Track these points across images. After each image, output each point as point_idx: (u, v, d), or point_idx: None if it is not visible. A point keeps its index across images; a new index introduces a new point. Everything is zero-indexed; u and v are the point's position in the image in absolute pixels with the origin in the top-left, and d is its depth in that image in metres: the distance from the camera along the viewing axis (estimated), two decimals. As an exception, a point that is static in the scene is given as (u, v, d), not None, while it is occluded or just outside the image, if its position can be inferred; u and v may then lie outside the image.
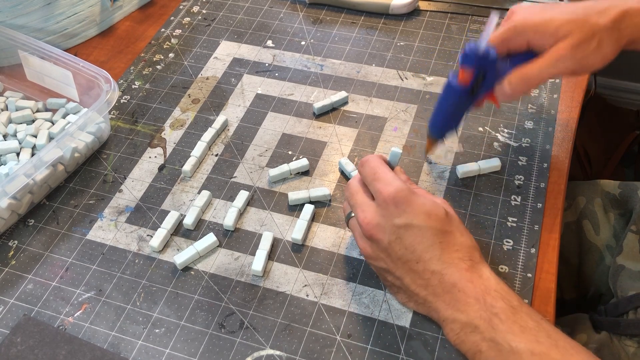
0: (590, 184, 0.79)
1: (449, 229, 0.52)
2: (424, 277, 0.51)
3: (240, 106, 0.76)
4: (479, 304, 0.49)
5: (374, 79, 0.78)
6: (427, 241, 0.51)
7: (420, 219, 0.51)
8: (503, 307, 0.48)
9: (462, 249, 0.52)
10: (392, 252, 0.52)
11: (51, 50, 0.71)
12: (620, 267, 0.69)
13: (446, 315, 0.50)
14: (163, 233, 0.62)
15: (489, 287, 0.49)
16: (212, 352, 0.55)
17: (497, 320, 0.48)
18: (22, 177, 0.61)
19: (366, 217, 0.53)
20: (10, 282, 0.61)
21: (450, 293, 0.50)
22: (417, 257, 0.51)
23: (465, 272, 0.50)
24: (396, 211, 0.52)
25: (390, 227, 0.52)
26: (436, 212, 0.52)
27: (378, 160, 0.56)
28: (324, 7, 0.89)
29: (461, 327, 0.49)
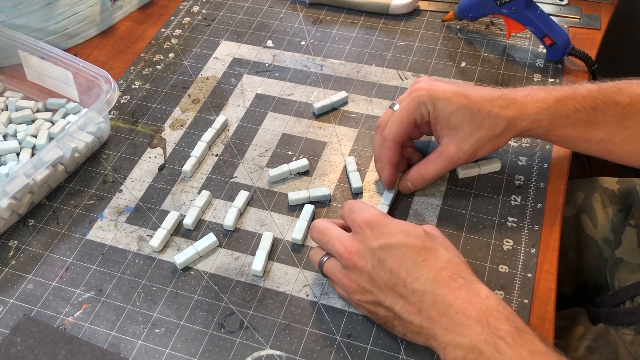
0: (589, 180, 0.79)
1: (431, 246, 0.50)
2: (414, 301, 0.48)
3: (240, 106, 0.76)
4: (482, 326, 0.45)
5: (374, 79, 0.78)
6: (410, 260, 0.49)
7: (397, 238, 0.50)
8: (508, 329, 0.45)
9: (449, 266, 0.49)
10: (377, 278, 0.50)
11: (51, 50, 0.71)
12: (618, 260, 0.69)
13: (446, 341, 0.46)
14: (163, 233, 0.62)
15: (490, 308, 0.46)
16: (212, 352, 0.55)
17: (504, 345, 0.44)
18: (22, 177, 0.61)
19: (346, 247, 0.51)
20: (10, 282, 0.61)
21: (447, 315, 0.46)
22: (402, 279, 0.49)
23: (459, 291, 0.47)
24: (372, 234, 0.51)
25: (370, 252, 0.50)
26: (414, 230, 0.51)
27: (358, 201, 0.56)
28: (324, 7, 0.89)
29: (465, 353, 0.45)
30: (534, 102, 0.58)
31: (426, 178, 0.62)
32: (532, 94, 0.59)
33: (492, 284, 0.57)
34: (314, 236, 0.56)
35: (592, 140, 0.60)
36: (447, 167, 0.61)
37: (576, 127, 0.59)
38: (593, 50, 0.79)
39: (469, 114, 0.58)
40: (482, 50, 0.80)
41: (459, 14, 0.81)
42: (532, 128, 0.59)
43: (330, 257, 0.55)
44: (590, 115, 0.58)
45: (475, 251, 0.60)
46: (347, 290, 0.52)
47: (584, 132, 0.59)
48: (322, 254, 0.55)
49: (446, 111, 0.58)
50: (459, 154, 0.59)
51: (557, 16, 0.84)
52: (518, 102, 0.58)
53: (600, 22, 0.83)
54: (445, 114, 0.58)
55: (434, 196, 0.65)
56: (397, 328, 0.51)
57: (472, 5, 0.79)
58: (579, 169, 1.29)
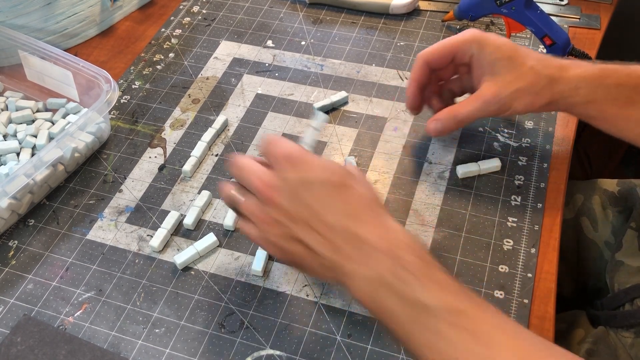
0: (588, 182, 0.79)
1: (348, 183, 0.50)
2: (326, 234, 0.48)
3: (240, 106, 0.76)
4: (389, 258, 0.45)
5: (374, 79, 0.78)
6: (326, 195, 0.49)
7: (316, 173, 0.49)
8: (414, 261, 0.45)
9: (363, 200, 0.49)
10: (293, 211, 0.49)
11: (51, 50, 0.71)
12: (619, 263, 0.69)
13: (354, 273, 0.47)
14: (163, 233, 0.62)
15: (399, 240, 0.47)
16: (212, 352, 0.55)
17: (408, 275, 0.45)
18: (22, 177, 0.61)
19: (263, 180, 0.50)
20: (10, 282, 0.61)
21: (357, 249, 0.47)
22: (317, 213, 0.48)
23: (371, 225, 0.48)
24: (292, 169, 0.50)
25: (287, 185, 0.49)
26: (332, 167, 0.50)
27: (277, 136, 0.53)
28: (324, 7, 0.89)
29: (368, 284, 0.46)
30: (577, 68, 0.59)
31: (457, 118, 0.61)
32: (577, 62, 0.60)
33: (492, 284, 0.57)
34: (232, 171, 0.54)
35: (630, 118, 0.59)
36: (481, 109, 0.60)
37: (616, 103, 0.58)
38: (593, 50, 0.79)
39: (513, 64, 0.59)
40: (482, 50, 0.80)
41: (459, 14, 0.81)
42: (571, 95, 0.59)
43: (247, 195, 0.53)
44: (632, 93, 0.58)
45: (475, 251, 0.60)
46: (262, 224, 0.51)
47: (623, 110, 0.58)
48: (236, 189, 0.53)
49: (492, 57, 0.59)
50: (496, 98, 0.59)
51: (557, 16, 0.84)
52: (562, 65, 0.59)
53: (600, 22, 0.83)
54: (490, 59, 0.60)
55: (434, 196, 0.65)
56: (309, 265, 0.50)
57: (472, 5, 0.79)
58: (579, 170, 1.29)
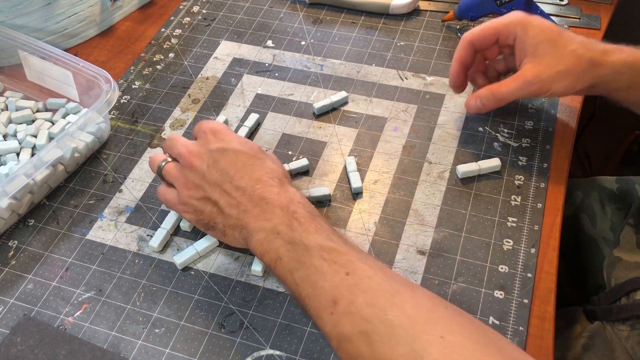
0: (587, 180, 0.79)
1: (261, 157, 0.56)
2: (236, 195, 0.54)
3: (240, 106, 0.76)
4: (283, 212, 0.51)
5: (374, 79, 0.78)
6: (240, 163, 0.55)
7: (234, 144, 0.56)
8: (304, 213, 0.51)
9: (272, 172, 0.55)
10: (209, 176, 0.55)
11: (51, 50, 0.71)
12: (616, 259, 0.69)
13: (254, 227, 0.52)
14: (163, 233, 0.62)
15: (293, 198, 0.52)
16: (212, 352, 0.55)
17: (296, 223, 0.50)
18: (22, 177, 0.61)
19: (187, 148, 0.57)
20: (10, 282, 0.61)
21: (258, 206, 0.52)
22: (229, 177, 0.54)
23: (273, 187, 0.53)
24: (214, 139, 0.57)
25: (207, 153, 0.56)
26: (250, 143, 0.57)
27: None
28: (324, 7, 0.89)
29: (265, 235, 0.51)
30: (620, 52, 0.60)
31: (497, 97, 0.63)
32: (620, 47, 0.60)
33: (492, 284, 0.57)
34: (164, 145, 0.62)
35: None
36: (520, 89, 0.62)
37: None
38: (593, 50, 0.79)
39: (555, 47, 0.60)
40: (482, 50, 0.80)
41: (459, 14, 0.81)
42: (613, 80, 0.60)
43: (170, 161, 0.60)
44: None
45: (475, 251, 0.60)
46: (181, 186, 0.57)
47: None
48: (163, 158, 0.61)
49: (535, 39, 0.61)
50: (536, 79, 0.61)
51: (557, 16, 0.84)
52: (605, 50, 0.60)
53: (600, 22, 0.83)
54: (533, 42, 0.61)
55: (434, 196, 0.65)
56: (219, 225, 0.56)
57: (472, 6, 0.79)
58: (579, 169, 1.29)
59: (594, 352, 0.64)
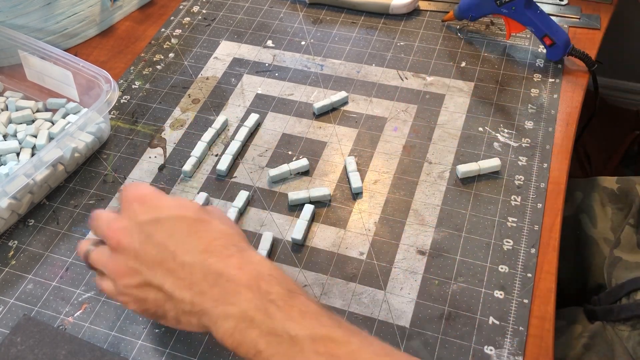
0: (587, 180, 0.79)
1: (205, 218, 0.47)
2: (184, 275, 0.44)
3: (240, 106, 0.76)
4: (252, 292, 0.42)
5: (374, 79, 0.78)
6: (180, 232, 0.45)
7: (169, 211, 0.46)
8: (279, 292, 0.42)
9: (223, 236, 0.46)
10: (145, 255, 0.45)
11: (51, 50, 0.71)
12: (617, 259, 0.69)
13: (217, 313, 0.42)
14: (163, 233, 0.62)
15: (262, 272, 0.43)
16: (212, 352, 0.55)
17: (274, 308, 0.41)
18: (22, 177, 0.61)
19: (111, 226, 0.47)
20: (10, 282, 0.61)
21: (217, 286, 0.43)
22: (172, 252, 0.45)
23: (230, 259, 0.44)
24: (142, 209, 0.47)
25: (137, 227, 0.46)
26: (187, 204, 0.48)
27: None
28: (324, 7, 0.89)
29: (235, 324, 0.42)
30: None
31: None
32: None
33: (492, 284, 0.57)
34: (90, 225, 0.51)
35: None
36: None
37: None
38: (593, 50, 0.79)
39: None
40: (482, 50, 0.80)
41: (459, 14, 0.81)
42: None
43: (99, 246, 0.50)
44: None
45: (475, 251, 0.60)
46: (114, 275, 0.47)
47: None
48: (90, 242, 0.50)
49: None
50: None
51: (557, 16, 0.84)
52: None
53: (600, 22, 0.83)
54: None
55: (434, 196, 0.65)
56: (169, 313, 0.46)
57: (472, 6, 0.79)
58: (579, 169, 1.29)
59: (595, 352, 0.64)
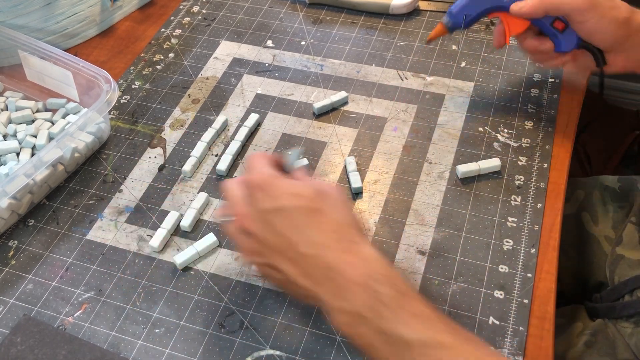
0: (589, 178, 0.80)
1: (320, 207, 0.48)
2: (302, 265, 0.47)
3: (240, 106, 0.76)
4: (364, 291, 0.44)
5: (374, 79, 0.78)
6: (296, 223, 0.47)
7: (285, 200, 0.48)
8: (390, 293, 0.44)
9: (337, 228, 0.47)
10: (267, 241, 0.48)
11: (51, 50, 0.71)
12: (619, 257, 0.69)
13: (332, 305, 0.45)
14: (163, 233, 0.62)
15: (374, 271, 0.45)
16: (212, 352, 0.55)
17: (384, 308, 0.43)
18: (22, 177, 0.61)
19: (239, 210, 0.50)
20: (10, 282, 0.61)
21: (330, 279, 0.45)
22: (289, 242, 0.47)
23: (342, 253, 0.46)
24: (262, 196, 0.49)
25: (258, 215, 0.49)
26: (303, 192, 0.48)
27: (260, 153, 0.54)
28: (324, 7, 0.89)
29: (350, 319, 0.44)
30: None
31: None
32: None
33: (492, 284, 0.57)
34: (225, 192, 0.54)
35: None
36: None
37: None
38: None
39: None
40: (482, 50, 0.80)
41: (452, 21, 0.68)
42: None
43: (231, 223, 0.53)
44: None
45: (475, 251, 0.60)
46: (242, 252, 0.52)
47: None
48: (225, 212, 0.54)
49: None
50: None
51: (557, 16, 0.84)
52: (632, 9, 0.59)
53: (600, 22, 0.83)
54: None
55: (434, 196, 0.65)
56: (292, 291, 0.50)
57: (466, 4, 0.67)
58: (579, 169, 1.29)
59: (597, 350, 0.64)
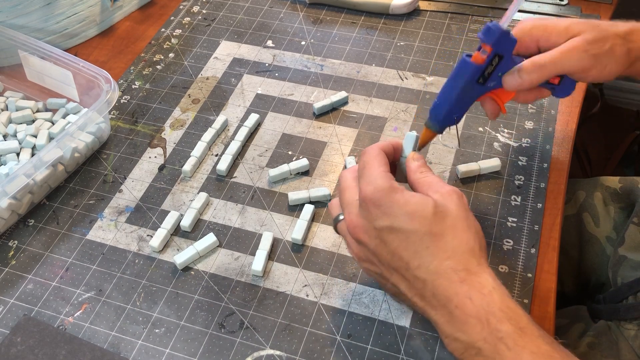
0: (590, 179, 0.79)
1: (438, 231, 0.46)
2: (416, 286, 0.47)
3: (240, 106, 0.76)
4: (481, 325, 0.43)
5: (374, 79, 0.78)
6: (413, 246, 0.46)
7: (402, 221, 0.46)
8: (509, 330, 0.43)
9: (455, 255, 0.46)
10: (380, 257, 0.48)
11: (51, 50, 0.71)
12: (622, 258, 0.69)
13: (447, 332, 0.46)
14: (163, 233, 0.62)
15: (492, 306, 0.44)
16: (212, 352, 0.55)
17: (504, 347, 0.43)
18: (22, 177, 0.61)
19: (352, 219, 0.50)
20: (10, 282, 0.61)
21: (446, 308, 0.45)
22: (405, 264, 0.47)
23: (460, 284, 0.45)
24: (377, 212, 0.47)
25: (372, 230, 0.48)
26: (421, 211, 0.46)
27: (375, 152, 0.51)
28: (324, 7, 0.89)
29: (465, 348, 0.44)
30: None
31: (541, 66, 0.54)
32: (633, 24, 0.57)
33: (492, 284, 0.57)
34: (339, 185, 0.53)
35: None
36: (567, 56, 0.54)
37: None
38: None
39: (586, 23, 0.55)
40: (482, 50, 0.80)
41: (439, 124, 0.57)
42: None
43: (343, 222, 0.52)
44: None
45: (475, 251, 0.60)
46: (355, 256, 0.52)
47: None
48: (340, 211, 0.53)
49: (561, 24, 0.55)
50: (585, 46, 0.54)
51: (557, 16, 0.84)
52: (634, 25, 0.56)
53: (600, 22, 0.83)
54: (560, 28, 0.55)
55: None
56: (404, 302, 0.54)
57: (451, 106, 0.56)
58: (579, 169, 1.29)
59: (600, 351, 0.64)
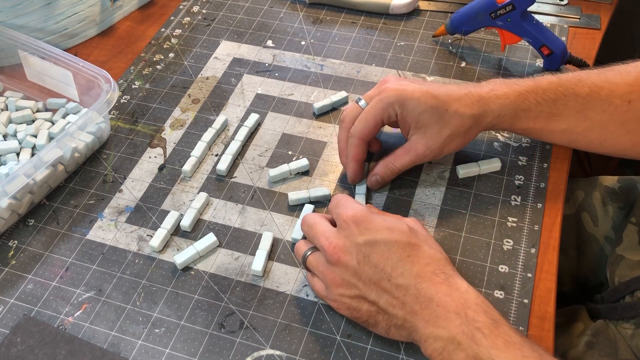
0: (588, 179, 0.79)
1: (416, 242, 0.51)
2: (398, 295, 0.50)
3: (240, 106, 0.76)
4: (460, 318, 0.47)
5: (374, 79, 0.78)
6: (395, 256, 0.50)
7: (383, 234, 0.51)
8: (485, 321, 0.46)
9: (432, 261, 0.51)
10: (362, 273, 0.51)
11: (51, 50, 0.71)
12: (619, 257, 0.69)
13: (427, 333, 0.48)
14: (163, 233, 0.62)
15: (469, 301, 0.48)
16: (212, 352, 0.55)
17: (480, 335, 0.46)
18: (22, 177, 0.61)
19: (331, 242, 0.53)
20: (10, 282, 0.61)
21: (428, 309, 0.48)
22: (387, 274, 0.50)
23: (440, 285, 0.49)
24: (358, 230, 0.52)
25: (355, 247, 0.51)
26: (398, 226, 0.52)
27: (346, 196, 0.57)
28: (324, 7, 0.89)
29: (444, 345, 0.47)
30: (497, 99, 0.60)
31: (394, 171, 0.64)
32: (495, 89, 0.61)
33: (492, 284, 0.57)
34: (303, 229, 0.57)
35: (555, 131, 0.62)
36: (414, 162, 0.63)
37: (539, 120, 0.61)
38: (593, 50, 0.79)
39: (437, 113, 0.60)
40: (482, 50, 0.80)
41: (451, 28, 0.79)
42: (497, 123, 0.61)
43: (314, 251, 0.56)
44: (552, 108, 0.61)
45: (475, 251, 0.60)
46: (330, 284, 0.53)
47: (546, 124, 0.62)
48: (307, 247, 0.56)
49: (415, 111, 0.60)
50: (427, 151, 0.61)
51: (557, 16, 0.84)
52: (483, 99, 0.60)
53: (600, 22, 0.83)
54: (414, 114, 0.60)
55: (434, 196, 0.65)
56: (381, 324, 0.52)
57: (465, 19, 0.77)
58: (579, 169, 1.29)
59: (598, 350, 0.64)
